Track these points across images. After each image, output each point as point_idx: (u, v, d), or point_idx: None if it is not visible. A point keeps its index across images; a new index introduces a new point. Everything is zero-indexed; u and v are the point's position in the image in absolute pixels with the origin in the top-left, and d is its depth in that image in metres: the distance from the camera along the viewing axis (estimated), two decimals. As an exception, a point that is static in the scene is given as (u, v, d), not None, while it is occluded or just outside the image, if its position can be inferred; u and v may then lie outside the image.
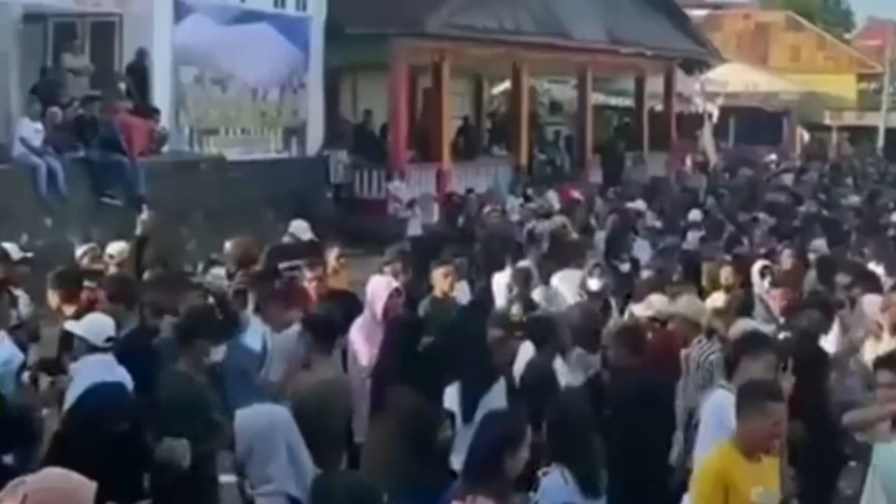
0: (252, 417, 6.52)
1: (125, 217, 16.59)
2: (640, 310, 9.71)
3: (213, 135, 20.86)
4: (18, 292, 9.45)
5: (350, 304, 9.44)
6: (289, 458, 6.39)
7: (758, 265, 12.15)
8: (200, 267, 11.87)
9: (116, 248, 11.28)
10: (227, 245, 11.55)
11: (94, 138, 17.26)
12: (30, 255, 10.76)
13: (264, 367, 8.51)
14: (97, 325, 7.37)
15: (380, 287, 9.16)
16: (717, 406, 6.74)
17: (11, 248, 10.58)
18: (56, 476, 3.91)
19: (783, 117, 43.06)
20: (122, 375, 7.11)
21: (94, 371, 6.99)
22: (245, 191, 19.32)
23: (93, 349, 7.23)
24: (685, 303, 9.45)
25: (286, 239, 13.71)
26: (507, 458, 5.34)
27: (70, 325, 7.65)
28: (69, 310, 8.56)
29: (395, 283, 9.43)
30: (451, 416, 7.40)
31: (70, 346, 7.56)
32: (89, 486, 3.85)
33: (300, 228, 13.74)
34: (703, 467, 6.12)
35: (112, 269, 10.67)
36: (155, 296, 8.76)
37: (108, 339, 7.31)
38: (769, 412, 5.87)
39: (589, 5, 27.81)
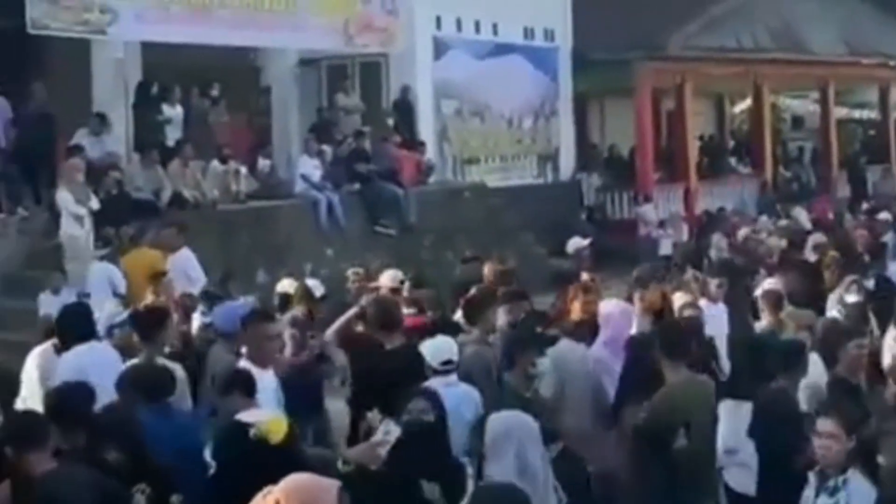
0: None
1: (399, 245, 17.74)
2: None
3: (474, 164, 21.87)
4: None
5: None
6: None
7: None
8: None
9: (390, 274, 11.73)
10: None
11: (369, 171, 18.35)
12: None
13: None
14: (437, 347, 7.73)
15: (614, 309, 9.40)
16: None
17: (314, 285, 10.97)
18: (304, 480, 4.06)
19: None
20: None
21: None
22: (505, 216, 20.20)
23: (434, 372, 7.56)
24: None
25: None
26: None
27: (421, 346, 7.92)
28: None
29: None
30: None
31: None
32: (334, 488, 4.01)
33: (577, 245, 14.40)
34: None
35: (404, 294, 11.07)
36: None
37: (446, 363, 7.58)
38: None
39: (826, 17, 27.64)
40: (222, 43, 16.93)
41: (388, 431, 6.24)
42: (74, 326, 8.46)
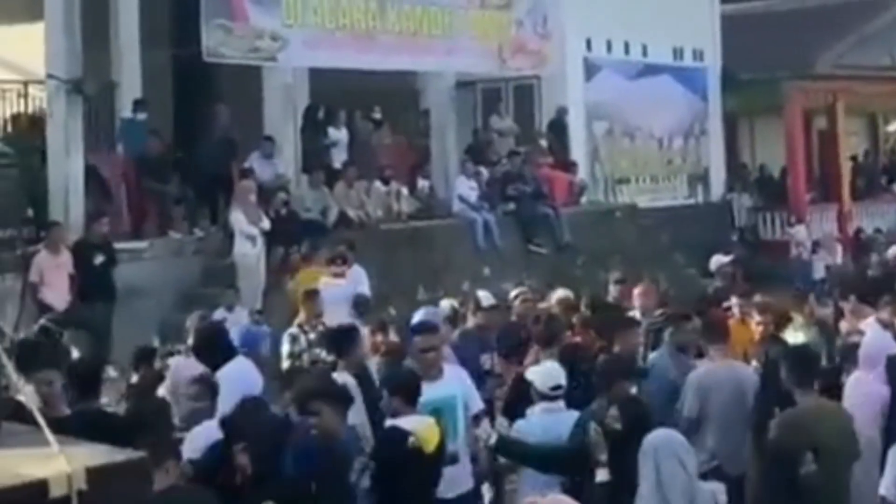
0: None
1: (552, 264, 18.01)
2: None
3: (625, 184, 22.17)
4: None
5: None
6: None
7: None
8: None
9: (561, 294, 12.16)
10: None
11: (523, 191, 18.66)
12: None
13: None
14: (546, 373, 7.85)
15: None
16: None
17: (483, 296, 11.42)
18: None
19: None
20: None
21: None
22: (656, 236, 20.37)
23: (542, 397, 7.67)
24: None
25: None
26: None
27: (529, 372, 8.09)
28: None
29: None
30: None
31: None
32: None
33: (719, 262, 14.43)
34: None
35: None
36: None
37: (555, 388, 7.65)
38: None
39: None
40: (384, 68, 17.36)
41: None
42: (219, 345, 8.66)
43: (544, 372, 7.86)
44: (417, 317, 9.68)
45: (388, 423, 7.09)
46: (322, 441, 6.51)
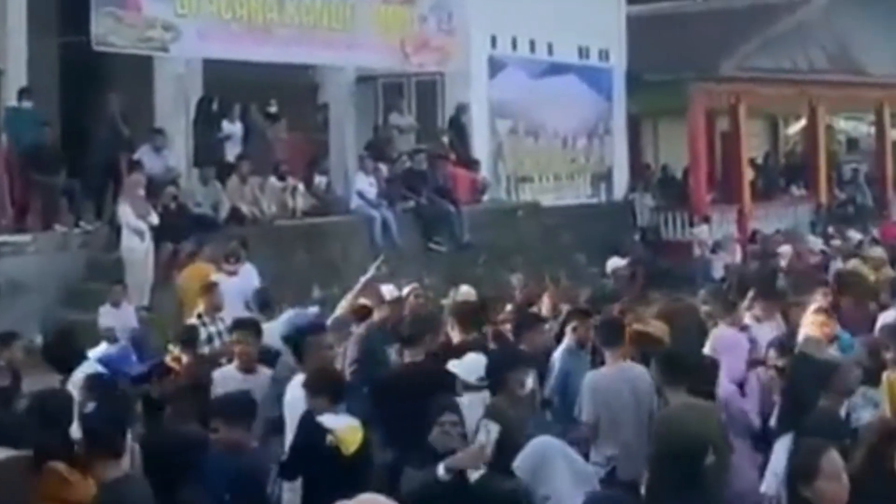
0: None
1: (452, 262, 17.81)
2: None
3: (528, 182, 21.98)
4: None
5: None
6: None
7: None
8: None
9: (464, 290, 12.21)
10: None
11: (423, 189, 18.46)
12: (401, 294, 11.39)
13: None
14: (469, 364, 7.97)
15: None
16: None
17: (387, 290, 11.32)
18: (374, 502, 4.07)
19: None
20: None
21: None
22: (558, 235, 20.29)
23: (467, 388, 7.76)
24: None
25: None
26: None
27: (451, 365, 8.18)
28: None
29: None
30: None
31: None
32: None
33: (615, 265, 14.34)
34: None
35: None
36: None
37: (482, 378, 7.74)
38: None
39: (882, 38, 27.42)
40: (281, 60, 17.12)
41: (489, 431, 6.36)
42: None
43: (468, 364, 7.92)
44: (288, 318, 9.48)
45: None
46: (229, 455, 6.67)
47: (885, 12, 27.62)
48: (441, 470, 6.15)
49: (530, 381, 7.73)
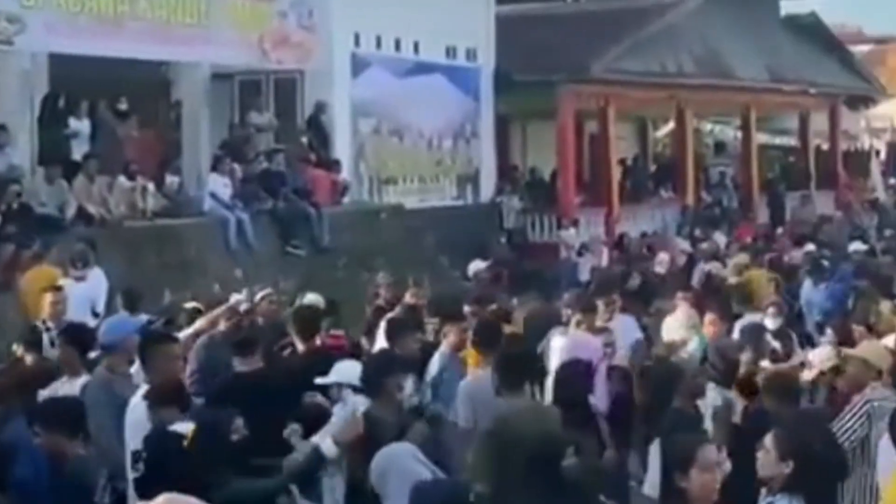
0: None
1: (311, 266, 17.41)
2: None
3: (391, 184, 21.61)
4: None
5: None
6: None
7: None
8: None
9: (311, 298, 11.76)
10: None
11: (282, 190, 18.01)
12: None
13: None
14: (348, 371, 7.83)
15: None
16: None
17: (236, 299, 10.87)
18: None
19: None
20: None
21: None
22: (422, 237, 19.98)
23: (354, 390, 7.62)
24: (866, 347, 8.98)
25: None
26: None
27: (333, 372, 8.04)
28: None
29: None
30: None
31: None
32: None
33: (476, 268, 14.09)
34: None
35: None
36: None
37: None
38: None
39: (750, 44, 27.91)
40: (132, 56, 16.56)
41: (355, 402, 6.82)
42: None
43: (348, 369, 7.84)
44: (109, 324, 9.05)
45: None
46: (52, 462, 6.46)
47: (753, 17, 28.04)
48: (329, 443, 6.47)
49: (409, 386, 7.61)
